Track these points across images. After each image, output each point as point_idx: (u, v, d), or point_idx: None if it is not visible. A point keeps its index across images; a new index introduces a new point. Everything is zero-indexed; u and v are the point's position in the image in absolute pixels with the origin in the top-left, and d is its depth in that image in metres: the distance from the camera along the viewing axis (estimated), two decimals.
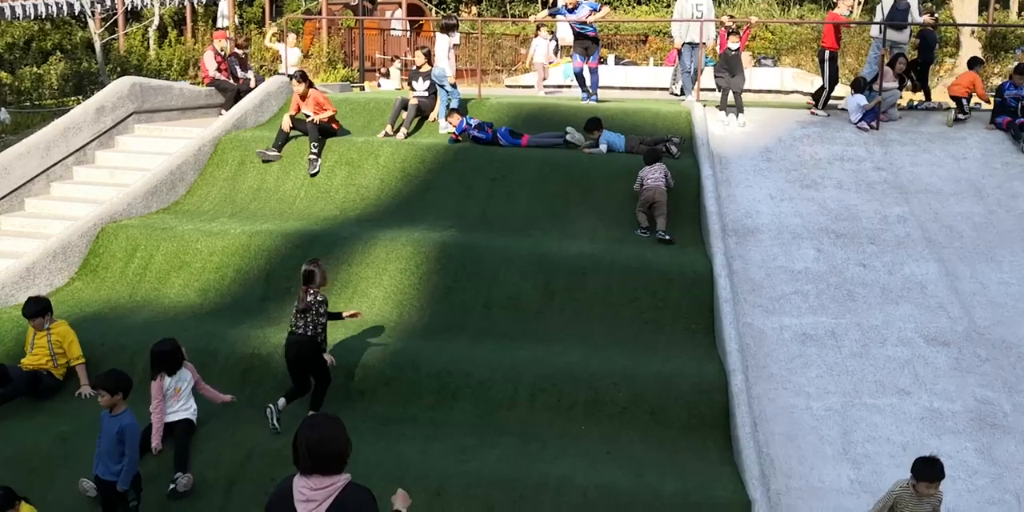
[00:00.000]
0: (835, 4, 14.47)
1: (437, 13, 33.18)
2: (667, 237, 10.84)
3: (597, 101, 13.97)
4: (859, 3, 30.64)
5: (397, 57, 23.28)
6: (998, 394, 8.74)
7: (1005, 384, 8.86)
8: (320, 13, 23.77)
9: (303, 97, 12.79)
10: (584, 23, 13.67)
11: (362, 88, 18.81)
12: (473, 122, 12.75)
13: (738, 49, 13.36)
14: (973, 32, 23.60)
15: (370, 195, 12.12)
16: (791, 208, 11.46)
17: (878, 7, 14.61)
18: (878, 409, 8.57)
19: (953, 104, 13.74)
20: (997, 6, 32.03)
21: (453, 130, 12.79)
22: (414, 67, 14.03)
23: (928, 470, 6.77)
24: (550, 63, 19.25)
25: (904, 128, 13.29)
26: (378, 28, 26.30)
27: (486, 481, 7.63)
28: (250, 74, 15.52)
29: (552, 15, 14.57)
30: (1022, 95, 12.96)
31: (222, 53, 15.25)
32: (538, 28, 19.69)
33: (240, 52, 15.54)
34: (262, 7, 28.14)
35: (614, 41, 29.84)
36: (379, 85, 22.15)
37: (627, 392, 8.66)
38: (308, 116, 12.59)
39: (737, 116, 13.28)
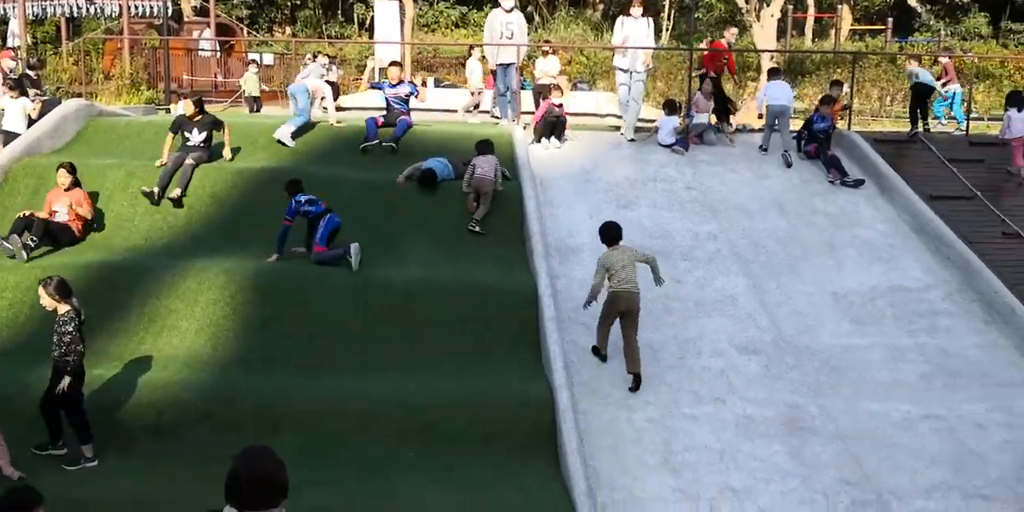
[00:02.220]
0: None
1: (249, 33, 32.41)
2: (476, 228, 11.16)
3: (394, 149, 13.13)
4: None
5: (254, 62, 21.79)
6: (805, 399, 9.21)
7: (811, 389, 9.34)
8: (121, 32, 22.73)
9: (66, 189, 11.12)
10: (401, 99, 13.45)
11: (167, 110, 18.05)
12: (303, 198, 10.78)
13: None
14: (772, 57, 25.10)
15: (178, 223, 11.54)
16: None
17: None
18: (695, 418, 8.85)
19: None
20: (794, 33, 34.33)
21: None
22: (181, 114, 12.47)
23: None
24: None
25: (712, 149, 13.91)
26: (185, 48, 25.39)
27: None
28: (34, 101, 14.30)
29: (374, 87, 14.16)
30: (828, 126, 13.62)
31: (11, 73, 14.25)
32: (471, 48, 19.31)
33: (32, 73, 14.58)
34: (57, 25, 26.70)
35: (433, 64, 30.07)
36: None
37: (459, 415, 8.61)
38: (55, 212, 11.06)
39: (559, 138, 13.53)
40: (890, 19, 41.06)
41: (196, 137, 12.17)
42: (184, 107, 12.34)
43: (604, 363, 9.46)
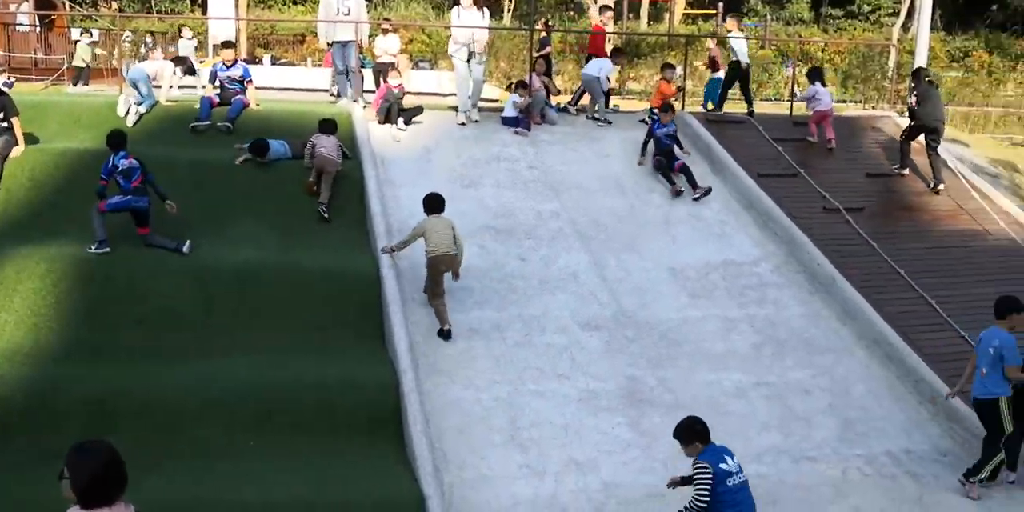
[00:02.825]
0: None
1: (72, 7, 30.58)
2: (326, 214, 11.04)
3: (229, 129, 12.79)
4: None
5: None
6: (644, 371, 9.50)
7: (650, 362, 9.65)
8: None
9: None
10: (236, 80, 13.09)
11: None
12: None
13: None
14: (609, 39, 25.55)
15: None
16: (453, 207, 11.63)
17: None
18: (541, 394, 9.00)
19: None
20: (631, 16, 35.14)
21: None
22: None
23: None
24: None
25: (553, 129, 14.07)
26: (2, 23, 23.72)
27: (156, 510, 7.07)
28: None
29: (213, 75, 13.58)
30: (671, 133, 13.07)
31: None
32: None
33: None
34: None
35: (270, 41, 29.19)
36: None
37: (300, 401, 8.46)
38: None
39: (405, 122, 13.37)
40: (720, 4, 42.59)
41: None
42: None
43: (448, 341, 9.51)
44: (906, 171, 13.85)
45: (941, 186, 13.60)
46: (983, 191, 13.81)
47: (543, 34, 18.19)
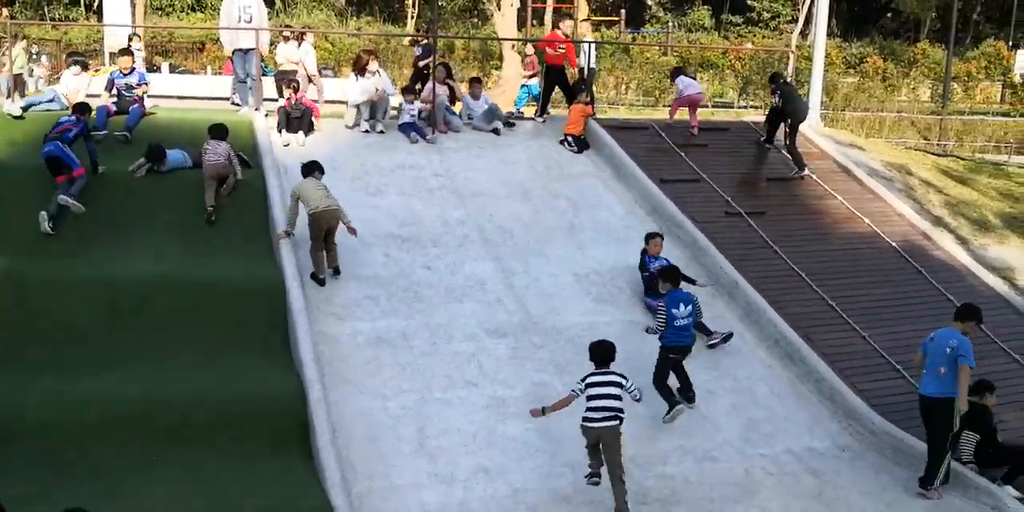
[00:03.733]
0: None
1: None
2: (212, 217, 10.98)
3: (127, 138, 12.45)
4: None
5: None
6: (551, 376, 9.56)
7: (557, 367, 9.71)
8: None
9: None
10: (132, 87, 12.81)
11: None
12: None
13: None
14: (513, 46, 25.72)
15: None
16: (358, 215, 11.57)
17: None
18: (448, 403, 8.98)
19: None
20: (534, 22, 35.42)
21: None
22: None
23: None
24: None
25: (458, 136, 14.06)
26: None
27: None
28: None
29: (110, 83, 13.19)
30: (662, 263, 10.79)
31: None
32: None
33: None
34: None
35: (169, 49, 28.54)
36: None
37: (205, 414, 8.33)
38: None
39: (305, 133, 13.20)
40: (623, 11, 43.27)
41: None
42: None
43: (323, 287, 10.10)
44: (805, 172, 14.25)
45: (805, 171, 14.22)
46: (879, 194, 14.28)
47: (424, 41, 17.82)
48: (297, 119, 13.04)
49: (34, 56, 19.00)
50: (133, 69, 13.18)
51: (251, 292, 9.84)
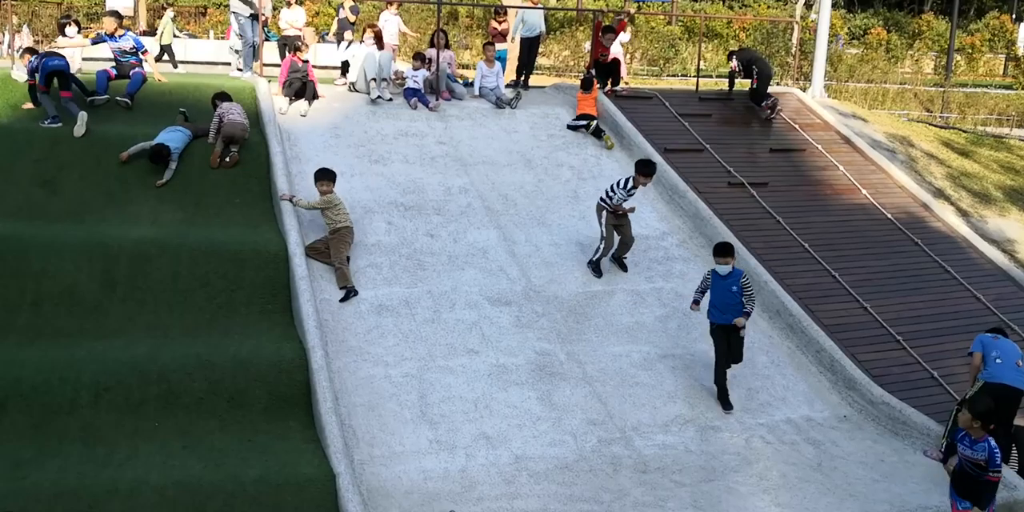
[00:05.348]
0: None
1: None
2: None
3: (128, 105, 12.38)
4: None
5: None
6: (553, 345, 9.58)
7: (559, 336, 9.73)
8: None
9: None
10: (127, 52, 12.63)
11: None
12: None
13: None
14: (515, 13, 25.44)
15: None
16: (361, 183, 11.61)
17: None
18: (451, 370, 9.01)
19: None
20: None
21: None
22: None
23: None
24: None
25: (461, 104, 13.99)
26: None
27: (47, 495, 6.91)
28: None
29: (96, 41, 13.03)
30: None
31: None
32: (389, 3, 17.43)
33: None
34: None
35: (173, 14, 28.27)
36: None
37: (203, 381, 8.29)
38: None
39: (308, 101, 13.10)
40: None
41: None
42: None
43: (354, 297, 9.68)
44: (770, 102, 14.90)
45: (769, 110, 14.84)
46: (881, 166, 14.25)
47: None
48: (300, 88, 12.90)
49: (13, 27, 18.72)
50: (123, 31, 12.88)
51: (252, 258, 9.79)
